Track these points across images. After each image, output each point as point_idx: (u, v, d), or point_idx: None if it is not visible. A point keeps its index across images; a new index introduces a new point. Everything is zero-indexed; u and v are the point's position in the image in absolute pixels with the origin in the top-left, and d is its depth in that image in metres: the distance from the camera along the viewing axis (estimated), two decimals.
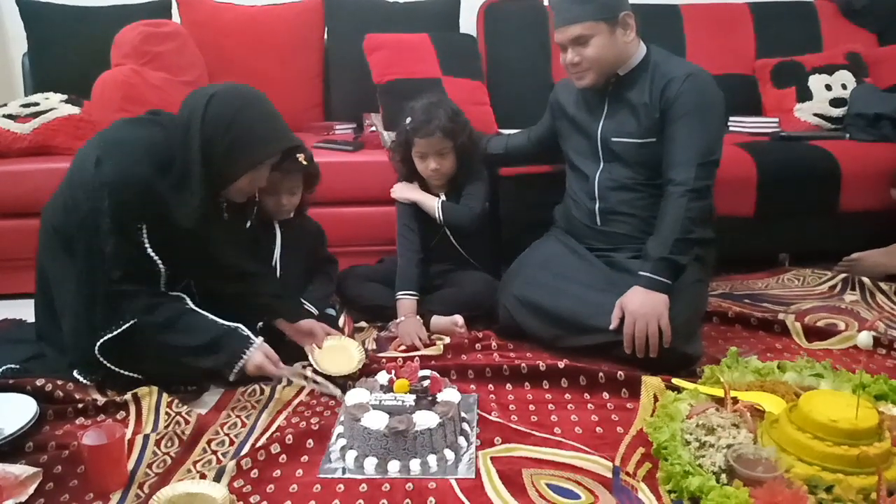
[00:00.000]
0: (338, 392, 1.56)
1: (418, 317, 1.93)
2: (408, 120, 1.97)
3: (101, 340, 1.52)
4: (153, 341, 1.53)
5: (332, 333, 1.75)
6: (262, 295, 1.72)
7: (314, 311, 1.83)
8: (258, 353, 1.54)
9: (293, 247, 1.93)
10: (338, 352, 1.70)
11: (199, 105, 1.50)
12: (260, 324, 1.71)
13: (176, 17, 2.85)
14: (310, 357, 1.66)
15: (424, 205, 2.02)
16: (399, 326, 1.91)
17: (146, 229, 1.51)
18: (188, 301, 1.58)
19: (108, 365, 1.55)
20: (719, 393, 1.40)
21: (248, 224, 1.79)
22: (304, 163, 1.83)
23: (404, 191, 2.06)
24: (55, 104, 2.42)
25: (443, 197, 2.04)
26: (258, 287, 1.72)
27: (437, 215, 2.00)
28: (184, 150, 1.50)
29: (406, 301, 1.96)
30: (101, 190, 1.46)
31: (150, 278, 1.55)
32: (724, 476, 1.17)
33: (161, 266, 1.54)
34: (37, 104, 2.41)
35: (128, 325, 1.52)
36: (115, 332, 1.52)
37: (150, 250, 1.52)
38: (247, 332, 1.56)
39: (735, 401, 1.35)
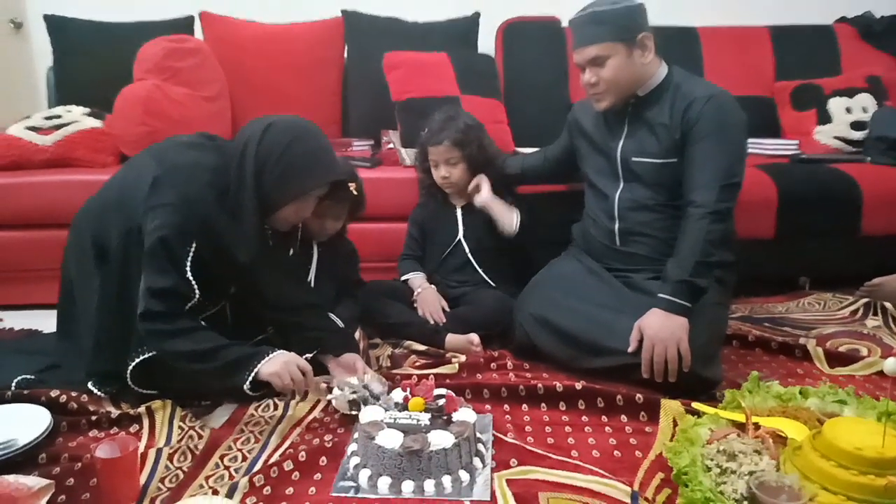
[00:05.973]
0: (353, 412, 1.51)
1: (433, 286, 2.03)
2: (425, 130, 2.08)
3: (139, 360, 1.52)
4: (179, 356, 1.49)
5: (368, 372, 1.68)
6: (311, 328, 1.71)
7: (340, 323, 1.83)
8: (280, 358, 1.48)
9: (328, 267, 1.95)
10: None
11: (256, 132, 1.53)
12: (308, 356, 1.68)
13: (198, 34, 2.88)
14: (333, 401, 1.57)
15: (498, 213, 2.07)
16: (419, 298, 2.01)
17: (191, 255, 1.49)
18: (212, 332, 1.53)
19: (133, 385, 1.55)
20: (740, 418, 1.37)
21: (291, 252, 1.80)
22: (355, 192, 1.89)
23: (486, 197, 2.08)
24: (77, 117, 2.45)
25: (460, 207, 2.13)
26: (309, 319, 1.72)
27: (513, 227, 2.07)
28: (238, 176, 1.52)
29: (416, 278, 2.09)
30: (156, 210, 1.46)
31: (181, 302, 1.51)
32: None
33: (196, 293, 1.51)
34: (59, 116, 2.44)
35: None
36: (151, 353, 1.52)
37: (188, 274, 1.50)
38: (274, 349, 1.51)
39: (757, 426, 1.32)
